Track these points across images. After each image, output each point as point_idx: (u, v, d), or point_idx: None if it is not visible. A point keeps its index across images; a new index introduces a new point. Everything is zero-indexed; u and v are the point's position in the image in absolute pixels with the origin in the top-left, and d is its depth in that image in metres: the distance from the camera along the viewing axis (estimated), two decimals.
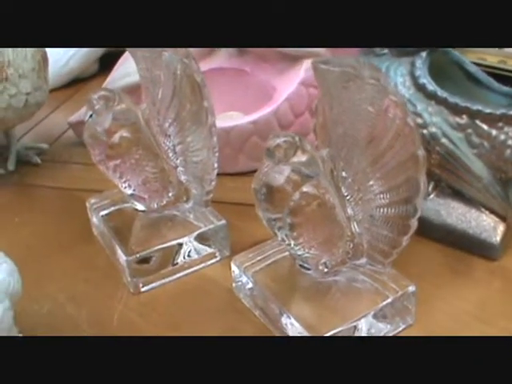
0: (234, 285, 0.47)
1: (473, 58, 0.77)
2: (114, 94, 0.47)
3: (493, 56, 0.77)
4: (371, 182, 0.40)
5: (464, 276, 0.48)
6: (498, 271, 0.48)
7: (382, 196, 0.40)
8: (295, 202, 0.38)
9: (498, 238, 0.49)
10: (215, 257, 0.51)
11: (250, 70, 0.66)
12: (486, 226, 0.49)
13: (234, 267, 0.47)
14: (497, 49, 0.77)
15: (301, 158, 0.38)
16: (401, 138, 0.37)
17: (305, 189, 0.38)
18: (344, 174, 0.41)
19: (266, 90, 0.63)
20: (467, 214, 0.50)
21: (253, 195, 0.40)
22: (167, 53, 0.45)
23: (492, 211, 0.49)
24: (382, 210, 0.40)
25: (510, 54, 0.76)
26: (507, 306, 0.45)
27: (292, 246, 0.40)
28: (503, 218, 0.49)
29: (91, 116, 0.47)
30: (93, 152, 0.48)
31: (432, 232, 0.51)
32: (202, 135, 0.46)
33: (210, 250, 0.51)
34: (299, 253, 0.41)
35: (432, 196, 0.51)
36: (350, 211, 0.41)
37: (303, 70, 0.62)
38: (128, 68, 0.66)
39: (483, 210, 0.50)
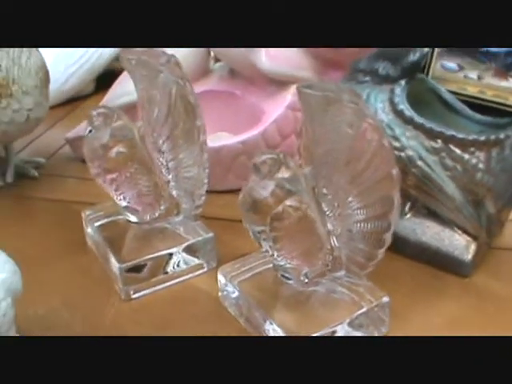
0: (220, 294, 0.50)
1: (454, 87, 0.80)
2: (112, 111, 0.50)
3: (473, 86, 0.80)
4: (350, 199, 0.43)
5: (437, 291, 0.51)
6: (470, 288, 0.51)
7: (359, 212, 0.43)
8: (278, 214, 0.41)
9: (470, 256, 0.52)
10: (203, 268, 0.54)
11: (240, 93, 0.69)
12: (459, 244, 0.52)
13: (220, 277, 0.49)
14: (477, 80, 0.80)
15: (285, 174, 0.41)
16: (377, 159, 0.40)
17: (288, 203, 0.41)
18: (324, 190, 0.44)
19: (254, 113, 0.66)
20: (441, 233, 0.53)
21: (239, 208, 0.43)
22: (163, 74, 0.48)
23: (464, 231, 0.52)
24: (359, 225, 0.43)
25: (490, 85, 0.79)
26: (478, 321, 0.48)
27: (275, 256, 0.43)
28: (475, 238, 0.52)
29: (90, 131, 0.50)
30: (91, 165, 0.51)
31: (408, 249, 0.54)
32: (194, 152, 0.49)
33: (197, 261, 0.54)
34: (281, 263, 0.44)
35: (408, 215, 0.54)
36: (329, 226, 0.44)
37: (291, 94, 0.65)
38: (125, 88, 0.69)
39: (456, 229, 0.52)
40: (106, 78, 0.86)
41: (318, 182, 0.44)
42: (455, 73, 0.82)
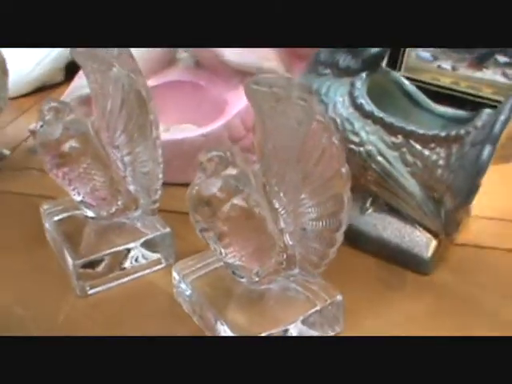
0: (174, 291, 0.49)
1: (427, 77, 0.80)
2: (64, 105, 0.49)
3: (446, 77, 0.80)
4: (302, 196, 0.42)
5: (395, 289, 0.50)
6: (429, 286, 0.51)
7: (311, 210, 0.42)
8: (224, 212, 0.40)
9: (430, 254, 0.51)
10: (160, 263, 0.53)
11: (204, 84, 0.68)
12: (419, 241, 0.51)
13: (174, 274, 0.49)
14: (451, 70, 0.80)
15: (231, 171, 0.40)
16: (327, 156, 0.39)
17: (234, 201, 0.40)
18: (276, 188, 0.43)
19: (219, 104, 0.65)
20: (402, 230, 0.52)
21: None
22: (115, 68, 0.47)
23: (425, 228, 0.52)
24: (311, 224, 0.42)
25: (464, 76, 0.79)
26: (435, 321, 0.47)
27: (223, 254, 0.42)
28: (435, 235, 0.51)
29: (42, 126, 0.49)
30: (44, 160, 0.50)
31: (368, 245, 0.53)
32: (148, 147, 0.49)
33: (155, 257, 0.53)
34: (230, 261, 0.43)
35: (370, 211, 0.54)
36: (282, 224, 0.43)
37: None
38: None
39: (417, 226, 0.52)
40: (76, 67, 0.84)
41: (270, 179, 0.43)
42: (429, 63, 0.81)
